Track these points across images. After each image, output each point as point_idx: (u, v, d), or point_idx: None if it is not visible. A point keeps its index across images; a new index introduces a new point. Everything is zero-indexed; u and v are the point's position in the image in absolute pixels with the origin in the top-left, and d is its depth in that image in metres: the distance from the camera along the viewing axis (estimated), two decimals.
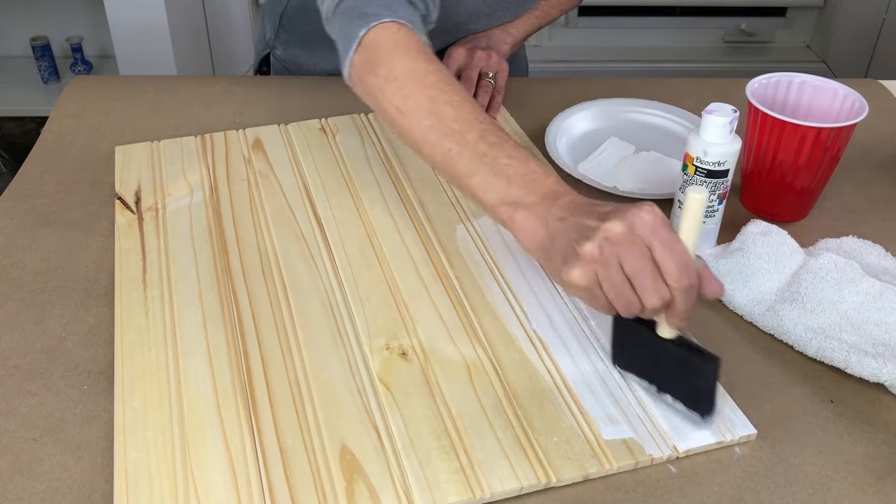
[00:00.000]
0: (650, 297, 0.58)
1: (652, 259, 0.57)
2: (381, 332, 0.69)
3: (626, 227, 0.58)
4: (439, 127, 0.70)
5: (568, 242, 0.60)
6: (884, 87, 1.09)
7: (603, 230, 0.58)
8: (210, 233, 0.80)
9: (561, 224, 0.62)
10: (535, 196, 0.65)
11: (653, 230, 0.58)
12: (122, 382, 0.64)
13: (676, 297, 0.58)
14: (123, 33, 1.93)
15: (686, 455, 0.60)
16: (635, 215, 0.58)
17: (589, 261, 0.59)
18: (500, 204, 0.66)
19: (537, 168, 0.66)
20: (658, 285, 0.57)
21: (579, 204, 0.63)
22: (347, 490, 0.57)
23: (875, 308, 0.70)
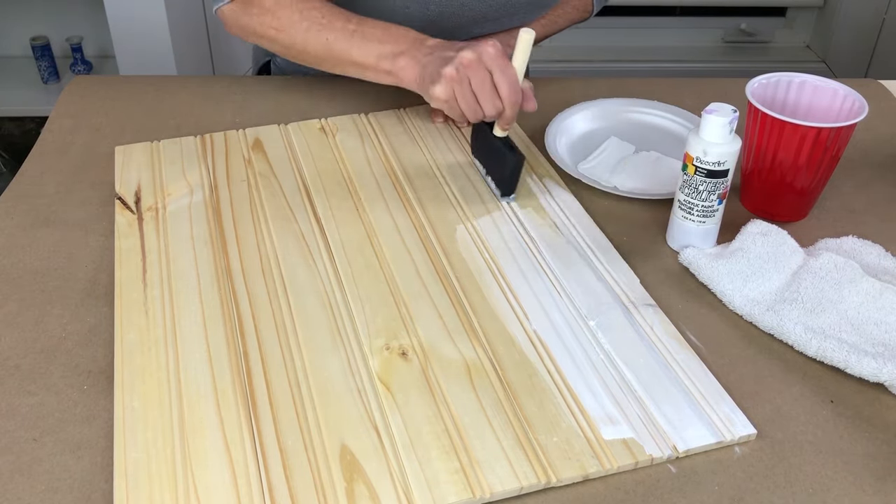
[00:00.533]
0: (488, 107, 0.81)
1: (492, 79, 0.80)
2: (381, 332, 0.69)
3: (475, 55, 0.79)
4: (313, 27, 0.88)
5: (435, 69, 0.81)
6: (884, 87, 1.09)
7: (459, 57, 0.79)
8: (210, 233, 0.80)
9: (430, 57, 0.83)
10: (405, 44, 0.85)
11: (493, 59, 0.79)
12: (122, 382, 0.64)
13: (506, 107, 0.81)
14: (123, 33, 1.93)
15: (686, 455, 0.60)
16: (483, 48, 0.79)
17: (448, 79, 0.80)
18: (379, 60, 0.86)
19: (398, 28, 0.87)
20: (494, 98, 0.80)
21: (442, 43, 0.84)
22: (347, 490, 0.57)
23: (875, 308, 0.70)
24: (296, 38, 0.90)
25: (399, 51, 0.85)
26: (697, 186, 0.75)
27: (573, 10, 1.10)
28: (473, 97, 0.80)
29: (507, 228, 0.81)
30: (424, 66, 0.83)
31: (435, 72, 0.81)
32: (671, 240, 0.81)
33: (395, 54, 0.85)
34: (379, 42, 0.86)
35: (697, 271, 0.76)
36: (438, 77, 0.81)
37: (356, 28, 0.87)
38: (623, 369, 0.66)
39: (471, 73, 0.79)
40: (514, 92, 0.80)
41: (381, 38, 0.87)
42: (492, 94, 0.80)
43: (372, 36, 0.87)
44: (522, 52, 0.81)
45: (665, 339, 0.69)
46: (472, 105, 0.81)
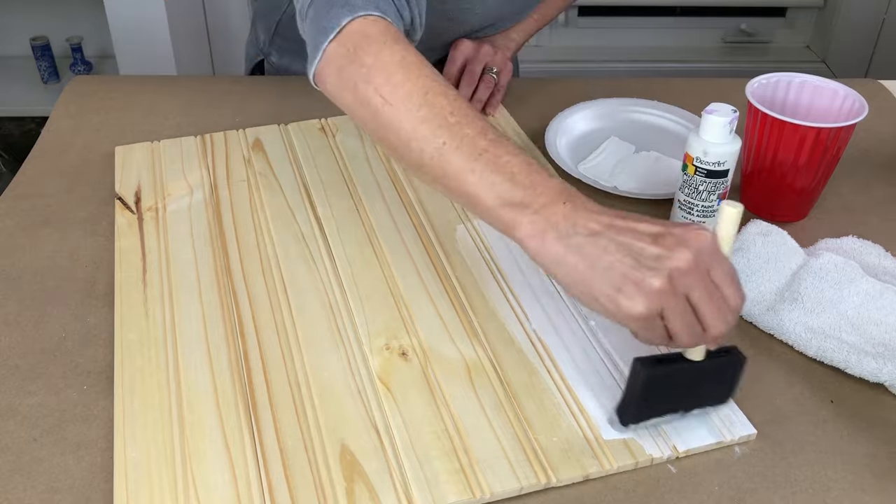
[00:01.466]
0: (717, 325, 0.55)
1: (716, 287, 0.56)
2: (381, 332, 0.69)
3: (693, 256, 0.54)
4: (434, 118, 0.63)
5: (621, 271, 0.55)
6: (884, 87, 1.09)
7: (672, 260, 0.54)
8: (210, 233, 0.80)
9: (596, 245, 0.56)
10: (544, 198, 0.58)
11: (712, 255, 0.55)
12: (122, 382, 0.64)
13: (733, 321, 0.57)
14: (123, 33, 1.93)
15: (686, 455, 0.60)
16: (698, 241, 0.55)
17: (657, 292, 0.54)
18: (502, 206, 0.59)
19: (540, 168, 0.60)
20: (725, 312, 0.56)
21: (611, 218, 0.57)
22: (347, 490, 0.57)
23: (875, 308, 0.70)
24: (404, 123, 0.64)
25: (534, 203, 0.58)
26: (697, 186, 0.75)
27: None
28: (692, 314, 0.56)
29: None
30: (588, 255, 0.56)
31: (622, 276, 0.55)
32: None
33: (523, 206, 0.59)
34: (510, 179, 0.59)
35: None
36: (635, 288, 0.54)
37: (488, 147, 0.61)
38: (623, 369, 0.66)
39: (690, 283, 0.55)
40: (742, 297, 0.57)
41: (514, 174, 0.60)
42: (721, 308, 0.56)
43: (504, 167, 0.60)
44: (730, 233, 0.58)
45: None
46: (689, 324, 0.56)
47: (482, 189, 0.60)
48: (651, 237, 0.56)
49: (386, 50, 0.67)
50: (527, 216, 0.58)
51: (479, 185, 0.60)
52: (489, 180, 0.60)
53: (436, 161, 0.62)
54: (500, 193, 0.59)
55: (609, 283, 0.55)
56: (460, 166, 0.61)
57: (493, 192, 0.60)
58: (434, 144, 0.62)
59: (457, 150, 0.61)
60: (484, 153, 0.61)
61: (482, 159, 0.60)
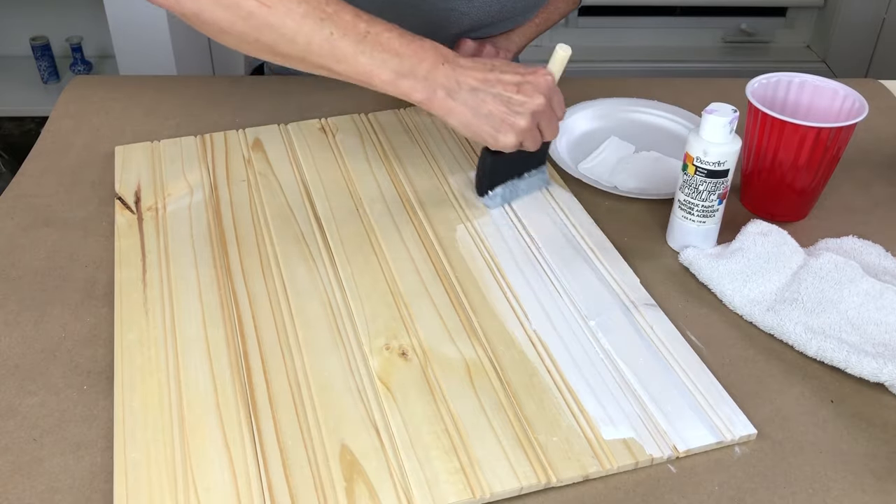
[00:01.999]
0: (551, 134, 0.79)
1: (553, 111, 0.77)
2: (381, 332, 0.69)
3: (545, 99, 0.74)
4: (314, 12, 0.68)
5: (498, 116, 0.73)
6: (884, 87, 1.09)
7: (532, 104, 0.74)
8: (210, 233, 0.80)
9: (476, 97, 0.73)
10: (427, 63, 0.71)
11: (553, 92, 0.76)
12: (122, 382, 0.64)
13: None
14: (123, 33, 1.93)
15: (686, 455, 0.60)
16: (545, 85, 0.75)
17: (523, 129, 0.74)
18: (396, 78, 0.71)
19: (412, 37, 0.72)
20: (556, 126, 0.78)
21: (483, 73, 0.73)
22: (347, 490, 0.57)
23: (875, 308, 0.70)
24: (286, 20, 0.68)
25: (420, 70, 0.71)
26: (697, 186, 0.75)
27: (563, 4, 1.11)
28: (539, 134, 0.78)
29: (507, 228, 0.81)
30: (475, 109, 0.74)
31: (498, 120, 0.74)
32: (671, 240, 0.81)
33: (414, 75, 0.71)
34: (396, 54, 0.70)
35: (697, 271, 0.76)
36: (508, 127, 0.74)
37: (368, 28, 0.70)
38: (623, 369, 0.66)
39: (542, 117, 0.76)
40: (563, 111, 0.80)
41: (398, 48, 0.70)
42: (555, 125, 0.78)
43: (388, 44, 0.70)
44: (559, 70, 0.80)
45: (665, 339, 0.69)
46: (538, 142, 0.78)
47: (375, 67, 0.71)
48: (515, 86, 0.74)
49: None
50: (419, 82, 0.71)
51: (372, 65, 0.70)
52: (379, 59, 0.70)
53: (325, 50, 0.70)
54: (392, 68, 0.70)
55: (490, 125, 0.74)
56: (350, 51, 0.70)
57: (385, 68, 0.71)
58: (322, 35, 0.69)
59: (344, 38, 0.69)
60: (367, 35, 0.70)
61: (367, 41, 0.70)
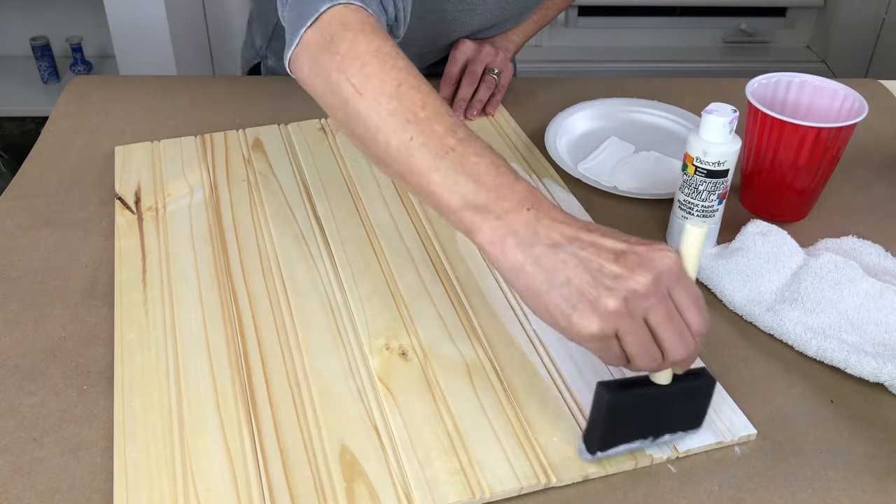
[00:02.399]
0: (677, 350, 0.53)
1: (677, 311, 0.53)
2: (381, 332, 0.69)
3: (653, 278, 0.52)
4: (403, 112, 0.60)
5: (578, 288, 0.53)
6: (884, 87, 1.09)
7: (630, 281, 0.52)
8: (210, 233, 0.80)
9: (556, 258, 0.54)
10: (508, 203, 0.56)
11: (674, 277, 0.53)
12: (122, 382, 0.64)
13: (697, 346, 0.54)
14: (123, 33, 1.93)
15: (686, 455, 0.60)
16: (660, 263, 0.52)
17: (611, 314, 0.52)
18: (464, 208, 0.57)
19: (508, 171, 0.58)
20: (685, 337, 0.53)
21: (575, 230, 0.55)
22: (347, 490, 0.57)
23: (875, 308, 0.70)
24: (372, 115, 0.62)
25: (497, 208, 0.56)
26: (697, 186, 0.75)
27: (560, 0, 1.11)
28: (651, 337, 0.53)
29: None
30: (550, 273, 0.54)
31: (578, 294, 0.53)
32: (671, 240, 0.81)
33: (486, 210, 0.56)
34: (475, 182, 0.57)
35: None
36: (590, 307, 0.52)
37: (456, 146, 0.59)
38: (623, 369, 0.66)
39: (649, 306, 0.52)
40: (706, 323, 0.55)
41: (480, 176, 0.57)
42: (682, 333, 0.53)
43: (471, 168, 0.58)
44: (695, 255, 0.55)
45: None
46: (647, 348, 0.53)
47: (446, 189, 0.58)
48: (613, 254, 0.53)
49: (362, 39, 0.65)
50: (488, 221, 0.56)
51: (443, 185, 0.58)
52: (453, 180, 0.58)
53: (402, 156, 0.60)
54: (464, 195, 0.57)
55: (564, 299, 0.53)
56: (426, 164, 0.59)
57: (456, 193, 0.57)
58: (401, 139, 0.60)
59: (423, 147, 0.59)
60: (451, 151, 0.58)
61: (448, 158, 0.58)
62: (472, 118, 0.98)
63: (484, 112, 0.99)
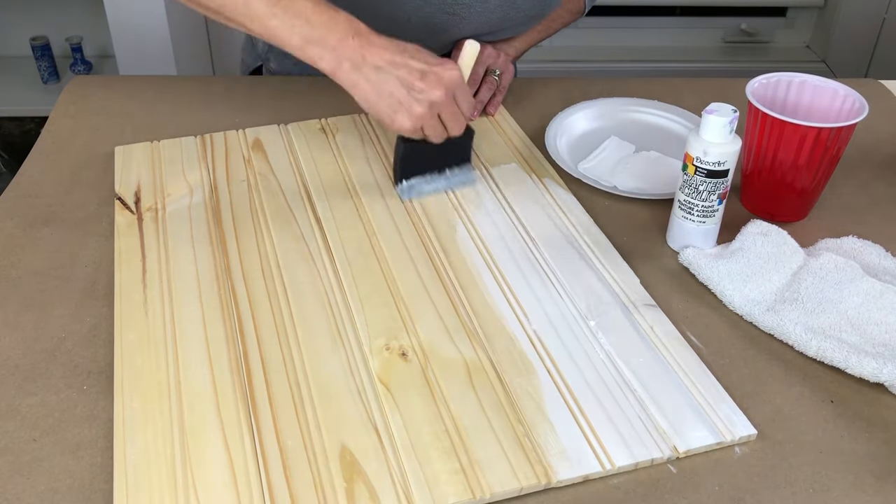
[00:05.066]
0: (455, 129, 0.80)
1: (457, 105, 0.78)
2: (381, 333, 0.69)
3: (445, 91, 0.76)
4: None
5: (396, 99, 0.75)
6: (884, 87, 1.09)
7: (431, 94, 0.75)
8: (210, 233, 0.80)
9: (380, 76, 0.75)
10: (337, 33, 0.74)
11: (458, 87, 0.77)
12: (122, 383, 0.64)
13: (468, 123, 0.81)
14: (123, 33, 1.93)
15: (686, 455, 0.60)
16: (450, 78, 0.76)
17: (419, 115, 0.76)
18: (305, 45, 0.75)
19: (327, 7, 0.75)
20: (461, 120, 0.80)
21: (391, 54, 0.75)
22: (347, 490, 0.57)
23: (875, 308, 0.70)
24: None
25: (330, 41, 0.75)
26: (697, 186, 0.75)
27: (566, 13, 1.11)
28: (442, 126, 0.79)
29: (507, 228, 0.81)
30: (377, 88, 0.76)
31: (396, 103, 0.76)
32: (671, 240, 0.81)
33: (323, 44, 0.75)
34: (307, 21, 0.74)
35: (697, 271, 0.76)
36: (405, 112, 0.76)
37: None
38: (623, 369, 0.66)
39: (442, 109, 0.77)
40: (472, 112, 0.82)
41: (310, 16, 0.74)
42: (459, 120, 0.79)
43: (300, 11, 0.74)
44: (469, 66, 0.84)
45: (665, 339, 0.69)
46: (438, 130, 0.79)
47: (285, 32, 0.75)
48: (420, 73, 0.76)
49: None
50: (326, 51, 0.74)
51: (282, 28, 0.74)
52: (289, 24, 0.74)
53: (240, 8, 0.75)
54: (301, 34, 0.74)
55: (389, 106, 0.76)
56: (263, 12, 0.74)
57: (294, 33, 0.74)
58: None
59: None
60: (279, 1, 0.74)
61: (280, 4, 0.74)
62: (472, 118, 0.98)
63: (485, 112, 1.00)
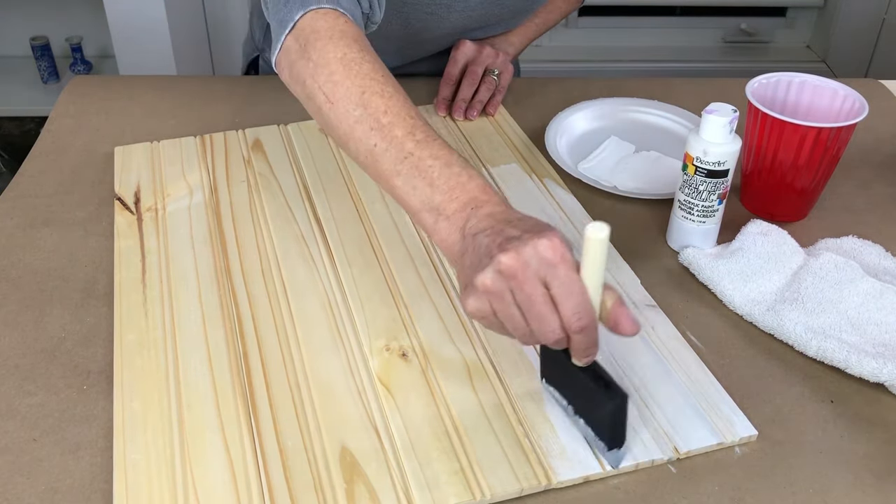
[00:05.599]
0: (542, 332, 0.56)
1: (546, 296, 0.55)
2: (381, 333, 0.69)
3: (519, 260, 0.54)
4: (367, 119, 0.65)
5: (472, 268, 0.57)
6: (884, 87, 1.09)
7: (497, 262, 0.55)
8: (210, 234, 0.80)
9: (474, 241, 0.58)
10: (457, 203, 0.61)
11: (550, 266, 0.54)
12: (122, 383, 0.64)
13: (572, 337, 0.56)
14: (123, 33, 1.93)
15: (686, 455, 0.60)
16: (534, 248, 0.54)
17: (482, 291, 0.56)
18: (422, 210, 0.62)
19: (461, 171, 0.62)
20: (551, 323, 0.55)
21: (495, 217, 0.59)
22: (347, 491, 0.57)
23: (875, 308, 0.70)
24: (342, 122, 0.67)
25: (447, 210, 0.61)
26: (697, 186, 0.75)
27: (564, 3, 1.11)
28: (521, 317, 0.56)
29: None
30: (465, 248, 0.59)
31: (470, 274, 0.57)
32: (671, 240, 0.81)
33: (439, 212, 0.61)
34: (430, 185, 0.62)
35: (697, 271, 0.76)
36: (471, 285, 0.57)
37: (414, 150, 0.63)
38: (623, 370, 0.66)
39: (515, 286, 0.55)
40: (578, 317, 0.55)
41: (434, 180, 0.62)
42: (546, 318, 0.55)
43: (426, 172, 0.62)
44: (593, 261, 0.55)
45: (665, 339, 0.69)
46: (520, 327, 0.56)
47: (405, 192, 0.63)
48: (505, 239, 0.56)
49: (330, 47, 0.69)
50: (440, 222, 0.61)
51: (403, 189, 0.63)
52: (412, 184, 0.63)
53: (369, 162, 0.66)
54: (421, 198, 0.62)
55: (462, 281, 0.59)
56: (388, 169, 0.64)
57: (414, 196, 0.63)
58: (366, 146, 0.65)
59: (385, 153, 0.64)
60: (409, 156, 0.63)
61: (407, 163, 0.63)
62: (472, 118, 0.98)
63: (484, 112, 0.99)
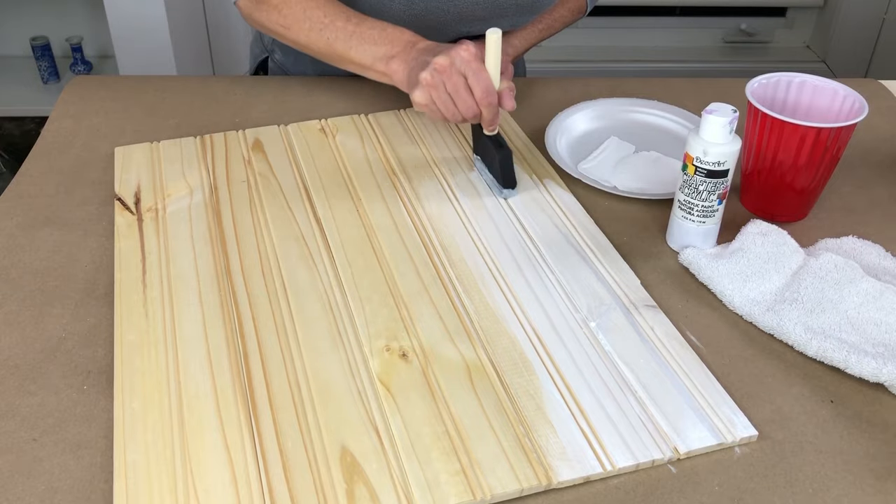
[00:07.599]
0: (464, 109, 0.82)
1: (466, 84, 0.81)
2: (381, 334, 0.69)
3: (448, 59, 0.81)
4: (316, 27, 0.92)
5: (416, 73, 0.83)
6: (884, 87, 1.09)
7: (433, 63, 0.81)
8: (210, 234, 0.80)
9: (415, 62, 0.85)
10: (398, 46, 0.88)
11: (467, 63, 0.81)
12: (122, 383, 0.64)
13: (482, 110, 0.82)
14: (123, 33, 1.93)
15: (686, 455, 0.60)
16: (456, 51, 0.81)
17: (424, 84, 0.82)
18: (375, 61, 0.89)
19: (393, 29, 0.89)
20: (469, 101, 0.82)
21: (430, 47, 0.86)
22: (347, 491, 0.57)
23: (875, 308, 0.70)
24: (300, 37, 0.93)
25: (392, 53, 0.88)
26: (697, 186, 0.75)
27: (568, 13, 1.11)
28: (451, 101, 0.82)
29: (507, 229, 0.81)
30: (411, 69, 0.85)
31: (415, 76, 0.83)
32: (671, 240, 0.81)
33: (388, 57, 0.88)
34: (374, 43, 0.89)
35: (697, 271, 0.76)
36: (417, 82, 0.83)
37: (355, 29, 0.90)
38: (623, 370, 0.66)
39: (445, 78, 0.81)
40: (487, 94, 0.81)
41: (376, 39, 0.89)
42: (466, 98, 0.81)
43: (369, 37, 0.90)
44: (493, 54, 0.81)
45: (665, 339, 0.69)
46: (449, 108, 0.82)
47: (360, 57, 0.90)
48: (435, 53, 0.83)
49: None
50: (392, 64, 0.88)
51: (358, 56, 0.90)
52: (362, 50, 0.90)
53: (330, 51, 0.92)
54: (373, 55, 0.89)
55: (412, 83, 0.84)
56: (343, 48, 0.91)
57: (368, 56, 0.90)
58: (324, 42, 0.92)
59: (337, 40, 0.91)
60: (353, 34, 0.90)
61: (354, 38, 0.90)
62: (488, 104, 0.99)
63: None
